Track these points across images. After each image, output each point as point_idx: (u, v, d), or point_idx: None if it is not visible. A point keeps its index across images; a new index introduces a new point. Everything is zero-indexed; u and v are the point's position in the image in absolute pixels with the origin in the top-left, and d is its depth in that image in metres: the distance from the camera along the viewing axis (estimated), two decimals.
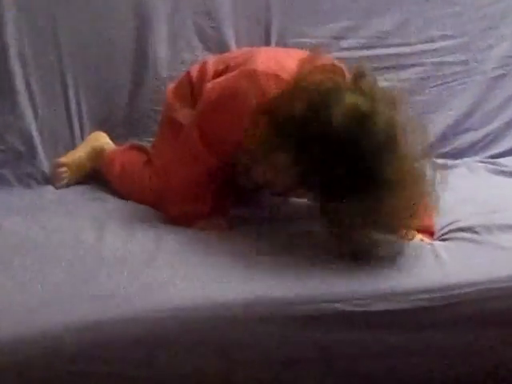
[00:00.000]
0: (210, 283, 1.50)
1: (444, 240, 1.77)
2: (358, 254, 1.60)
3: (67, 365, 1.34)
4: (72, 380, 1.37)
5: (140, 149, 2.18)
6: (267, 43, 2.32)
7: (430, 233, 1.82)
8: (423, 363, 1.58)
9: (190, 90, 1.98)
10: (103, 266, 1.55)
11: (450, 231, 1.79)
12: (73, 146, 2.13)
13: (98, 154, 2.15)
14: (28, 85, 2.10)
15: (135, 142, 2.22)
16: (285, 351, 1.49)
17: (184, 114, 1.94)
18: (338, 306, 1.47)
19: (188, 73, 2.01)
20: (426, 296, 1.52)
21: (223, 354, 1.45)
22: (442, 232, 1.81)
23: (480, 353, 1.62)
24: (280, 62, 1.79)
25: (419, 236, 1.79)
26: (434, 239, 1.80)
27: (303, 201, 1.88)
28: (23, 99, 2.08)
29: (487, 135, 2.43)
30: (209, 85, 1.84)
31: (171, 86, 2.07)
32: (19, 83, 2.08)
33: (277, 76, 1.69)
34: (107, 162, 2.14)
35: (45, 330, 1.32)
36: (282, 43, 2.30)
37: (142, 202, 1.97)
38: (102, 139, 2.20)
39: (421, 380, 1.64)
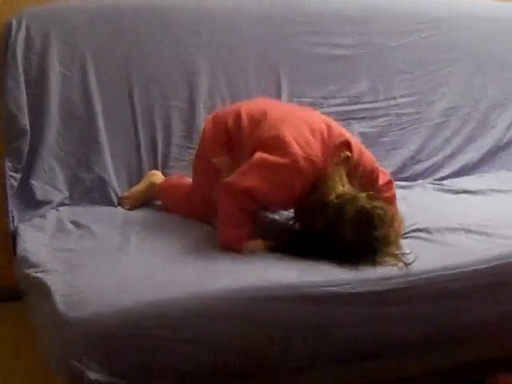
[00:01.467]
0: (247, 273, 1.72)
1: (405, 238, 2.01)
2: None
3: (147, 330, 1.54)
4: (150, 342, 1.56)
5: (182, 180, 2.33)
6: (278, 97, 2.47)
7: None
8: (396, 327, 1.81)
9: (227, 137, 2.07)
10: (174, 259, 1.81)
11: (410, 232, 2.06)
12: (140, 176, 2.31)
13: (152, 187, 2.30)
14: (108, 132, 2.28)
15: (178, 174, 2.38)
16: (294, 321, 1.70)
17: (222, 161, 2.09)
18: (333, 289, 1.70)
19: (225, 120, 2.09)
20: (395, 280, 1.76)
21: (253, 323, 1.65)
22: (404, 232, 2.05)
23: (431, 320, 1.84)
24: (306, 138, 1.94)
25: None
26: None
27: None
28: (104, 143, 2.27)
29: (434, 164, 2.63)
30: (258, 155, 1.92)
31: (209, 125, 2.14)
32: (101, 132, 2.27)
33: (311, 160, 1.88)
34: (159, 191, 2.29)
35: (131, 304, 1.54)
36: (290, 100, 2.48)
37: (183, 215, 2.16)
38: (157, 176, 2.33)
39: (396, 339, 1.84)
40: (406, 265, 1.81)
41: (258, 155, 1.91)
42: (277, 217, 2.25)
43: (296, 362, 1.81)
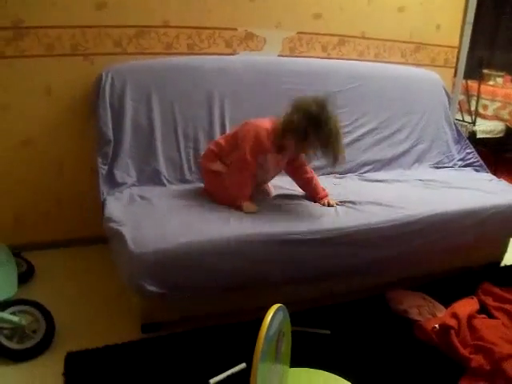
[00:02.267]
0: (246, 225, 1.78)
1: (341, 205, 2.05)
2: None
3: (184, 261, 1.64)
4: (185, 267, 1.65)
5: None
6: None
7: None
8: (331, 261, 1.87)
9: (218, 156, 2.04)
10: (203, 217, 1.84)
11: (344, 202, 2.07)
12: (181, 169, 2.26)
13: None
14: (160, 142, 2.23)
15: None
16: (273, 256, 1.76)
17: (217, 166, 2.05)
18: (297, 236, 1.78)
19: (212, 149, 2.07)
20: (334, 232, 1.84)
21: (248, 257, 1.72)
22: (339, 202, 2.07)
23: (353, 256, 1.90)
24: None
25: (332, 201, 2.06)
26: (336, 204, 2.05)
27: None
28: (158, 148, 2.22)
29: (358, 164, 2.57)
30: (244, 128, 1.98)
31: (203, 156, 2.15)
32: (157, 141, 2.22)
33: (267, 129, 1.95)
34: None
35: (174, 243, 1.64)
36: None
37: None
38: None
39: (332, 268, 1.90)
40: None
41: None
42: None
43: (274, 281, 1.84)
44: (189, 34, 2.47)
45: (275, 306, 1.26)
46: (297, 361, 1.57)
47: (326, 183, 2.21)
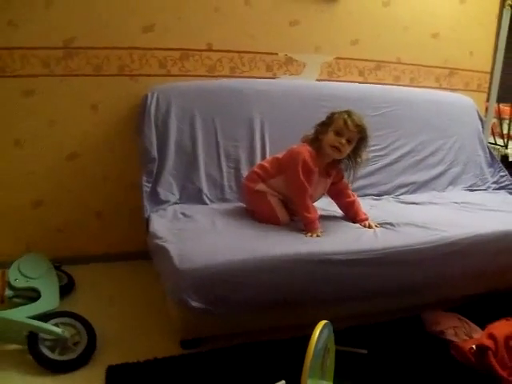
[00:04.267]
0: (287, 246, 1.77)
1: (378, 227, 2.05)
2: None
3: (226, 277, 1.63)
4: (228, 284, 1.64)
5: None
6: None
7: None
8: (369, 282, 1.85)
9: (261, 178, 2.07)
10: (244, 235, 1.85)
11: (382, 224, 2.07)
12: (222, 188, 2.29)
13: None
14: (203, 161, 2.28)
15: None
16: (309, 276, 1.74)
17: (260, 186, 2.07)
18: (338, 256, 1.77)
19: (256, 171, 2.10)
20: (372, 253, 1.82)
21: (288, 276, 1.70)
22: (378, 224, 2.07)
23: (391, 278, 1.87)
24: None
25: (372, 223, 2.06)
26: (375, 226, 2.05)
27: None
28: (201, 168, 2.27)
29: (393, 186, 2.59)
30: (291, 152, 2.01)
31: (246, 178, 2.16)
32: (199, 161, 2.27)
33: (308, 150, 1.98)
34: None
35: (216, 261, 1.63)
36: None
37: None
38: None
39: (368, 289, 1.87)
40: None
41: None
42: None
43: (312, 300, 1.83)
44: (231, 58, 2.52)
45: (322, 322, 1.26)
46: (335, 379, 1.55)
47: (363, 205, 2.20)
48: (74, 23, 2.23)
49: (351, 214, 2.16)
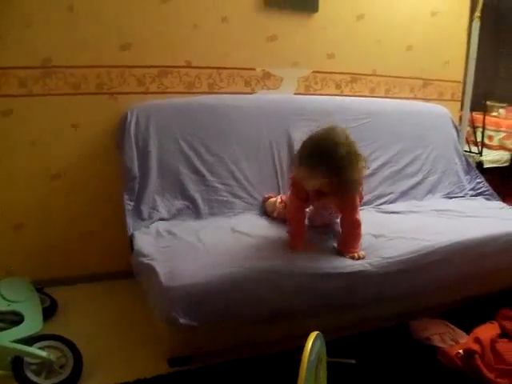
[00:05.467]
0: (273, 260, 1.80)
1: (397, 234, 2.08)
2: None
3: (213, 293, 1.63)
4: (215, 300, 1.64)
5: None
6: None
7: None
8: (362, 292, 1.88)
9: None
10: (228, 252, 1.85)
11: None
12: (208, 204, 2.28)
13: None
14: (187, 177, 2.29)
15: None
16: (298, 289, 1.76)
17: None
18: (319, 270, 1.79)
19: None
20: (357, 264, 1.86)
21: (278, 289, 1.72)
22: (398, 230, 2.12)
23: (383, 288, 1.90)
24: None
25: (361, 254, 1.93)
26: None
27: None
28: (186, 184, 2.28)
29: (373, 196, 2.62)
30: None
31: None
32: (184, 177, 2.28)
33: None
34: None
35: (202, 278, 1.64)
36: None
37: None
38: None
39: (356, 300, 1.89)
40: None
41: None
42: None
43: (300, 313, 1.84)
44: (209, 74, 2.55)
45: (314, 333, 1.27)
46: None
47: None
48: (52, 42, 2.23)
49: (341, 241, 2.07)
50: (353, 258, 1.91)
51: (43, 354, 1.65)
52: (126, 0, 2.32)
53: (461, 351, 1.83)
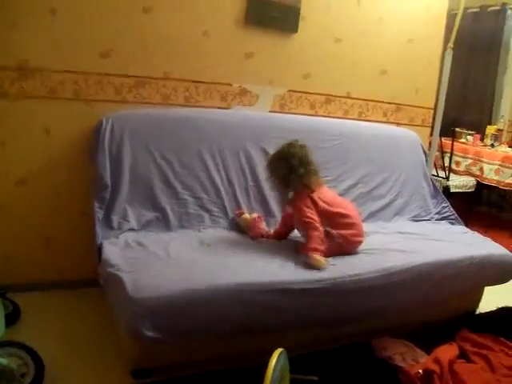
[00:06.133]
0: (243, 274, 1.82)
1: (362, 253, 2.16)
2: None
3: (178, 307, 1.65)
4: (180, 314, 1.66)
5: None
6: None
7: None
8: (326, 310, 1.91)
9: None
10: (194, 263, 1.87)
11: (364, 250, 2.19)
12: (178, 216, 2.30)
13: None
14: (158, 188, 2.30)
15: None
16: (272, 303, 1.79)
17: None
18: (285, 286, 1.82)
19: None
20: (321, 283, 1.88)
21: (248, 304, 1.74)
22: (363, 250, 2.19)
23: (346, 306, 1.96)
24: None
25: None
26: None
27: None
28: (157, 194, 2.29)
29: None
30: None
31: None
32: (155, 187, 2.29)
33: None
34: None
35: (168, 290, 1.65)
36: None
37: None
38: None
39: (332, 317, 1.96)
40: None
41: None
42: None
43: (262, 328, 1.87)
44: (186, 87, 2.58)
45: (278, 350, 1.30)
46: None
47: None
48: (31, 44, 2.22)
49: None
50: (308, 261, 1.99)
51: (3, 361, 1.61)
52: (109, 8, 2.33)
53: (420, 371, 1.90)
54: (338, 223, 2.16)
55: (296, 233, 2.30)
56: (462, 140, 4.68)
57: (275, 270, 1.92)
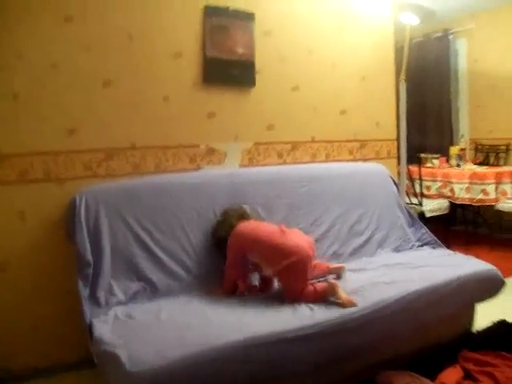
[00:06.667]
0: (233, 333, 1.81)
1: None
2: None
3: (175, 378, 1.62)
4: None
5: None
6: None
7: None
8: (322, 354, 1.91)
9: None
10: (187, 329, 1.84)
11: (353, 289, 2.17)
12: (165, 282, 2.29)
13: None
14: (141, 259, 2.31)
15: None
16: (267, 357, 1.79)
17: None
18: (277, 336, 1.81)
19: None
20: (312, 327, 1.89)
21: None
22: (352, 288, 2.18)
23: (340, 348, 1.96)
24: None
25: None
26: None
27: None
28: (140, 266, 2.29)
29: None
30: None
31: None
32: (138, 259, 2.29)
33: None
34: None
35: (164, 362, 1.62)
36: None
37: None
38: None
39: (330, 358, 1.96)
40: None
41: None
42: None
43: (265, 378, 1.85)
44: (155, 154, 2.64)
45: None
46: None
47: None
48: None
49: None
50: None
51: None
52: (66, 86, 2.40)
53: None
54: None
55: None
56: (429, 164, 4.84)
57: (271, 321, 1.93)
